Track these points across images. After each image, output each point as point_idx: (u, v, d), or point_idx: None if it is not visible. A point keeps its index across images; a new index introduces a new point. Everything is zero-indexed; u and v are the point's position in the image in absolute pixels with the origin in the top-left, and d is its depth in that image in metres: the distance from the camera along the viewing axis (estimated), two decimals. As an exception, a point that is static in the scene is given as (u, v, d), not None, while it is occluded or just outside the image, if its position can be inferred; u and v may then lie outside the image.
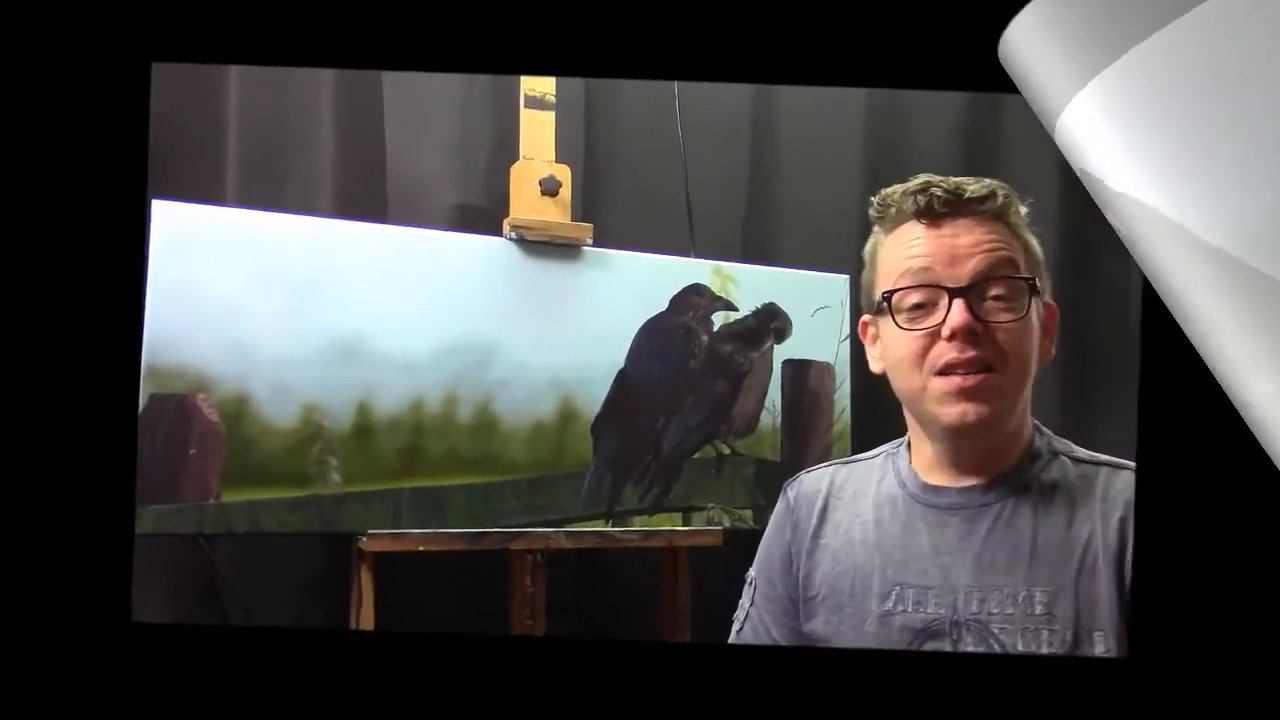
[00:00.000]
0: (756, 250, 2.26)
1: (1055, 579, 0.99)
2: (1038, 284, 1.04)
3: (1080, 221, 2.67)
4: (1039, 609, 0.99)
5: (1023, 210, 1.06)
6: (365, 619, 1.57)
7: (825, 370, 1.94)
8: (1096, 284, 2.62)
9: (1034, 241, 1.07)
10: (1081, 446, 1.11)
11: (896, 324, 1.03)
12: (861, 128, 2.36)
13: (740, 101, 2.25)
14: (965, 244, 1.02)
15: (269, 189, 1.84)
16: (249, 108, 1.84)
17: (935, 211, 1.03)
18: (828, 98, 2.31)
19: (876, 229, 1.10)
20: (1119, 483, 1.02)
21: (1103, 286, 2.59)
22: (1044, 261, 1.08)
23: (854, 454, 1.92)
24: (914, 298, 1.03)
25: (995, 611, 1.00)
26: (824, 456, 1.92)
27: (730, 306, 1.89)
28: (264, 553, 1.79)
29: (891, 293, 1.04)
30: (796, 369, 1.93)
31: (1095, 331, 2.59)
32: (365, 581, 1.58)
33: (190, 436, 1.51)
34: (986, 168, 2.46)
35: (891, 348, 1.06)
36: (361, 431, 1.61)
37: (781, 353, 1.92)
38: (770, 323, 1.91)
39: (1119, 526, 0.99)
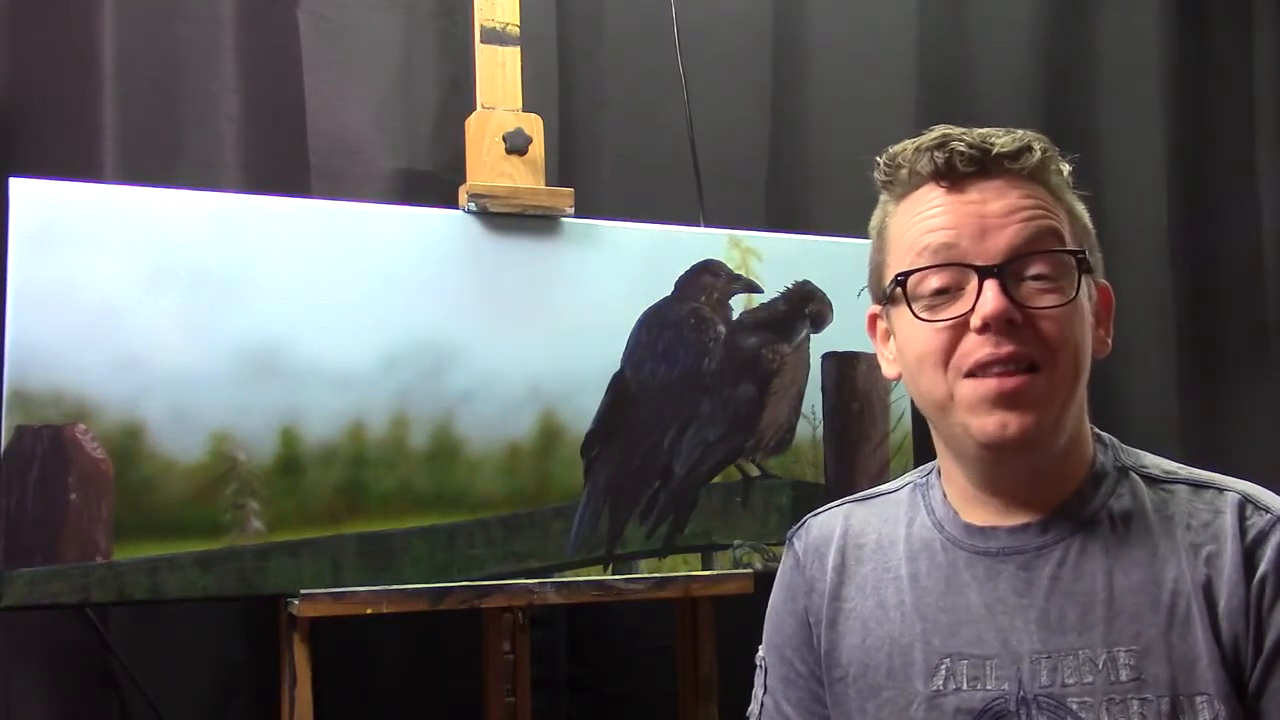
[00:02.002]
0: (784, 215, 2.26)
1: (1142, 634, 0.97)
2: (1089, 258, 1.02)
3: (1200, 160, 2.68)
4: (1125, 674, 0.97)
5: (1065, 169, 1.06)
6: (302, 706, 1.56)
7: (877, 364, 1.94)
8: (1222, 236, 2.64)
9: (1079, 207, 1.06)
10: (1167, 456, 1.09)
11: (913, 314, 1.02)
12: (914, 49, 2.36)
13: (758, 22, 2.25)
14: (997, 211, 1.00)
15: (158, 159, 1.83)
16: (129, 54, 1.83)
17: (957, 171, 1.01)
18: (871, 13, 2.32)
19: (885, 197, 1.09)
20: (1202, 506, 1.01)
21: (1230, 243, 2.61)
22: (1093, 231, 1.06)
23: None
24: (934, 281, 1.01)
25: (1071, 682, 0.98)
26: (879, 474, 1.91)
27: (753, 287, 1.88)
28: (169, 625, 1.78)
29: (906, 275, 1.02)
30: (840, 364, 1.92)
31: (1219, 305, 2.60)
32: (299, 657, 1.57)
33: (69, 479, 1.50)
34: (1076, 100, 2.48)
35: (908, 344, 1.04)
36: (287, 465, 1.60)
37: (820, 344, 1.91)
38: (804, 306, 1.91)
39: (1207, 564, 0.98)
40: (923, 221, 1.03)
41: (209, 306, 1.58)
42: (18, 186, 1.52)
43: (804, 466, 1.89)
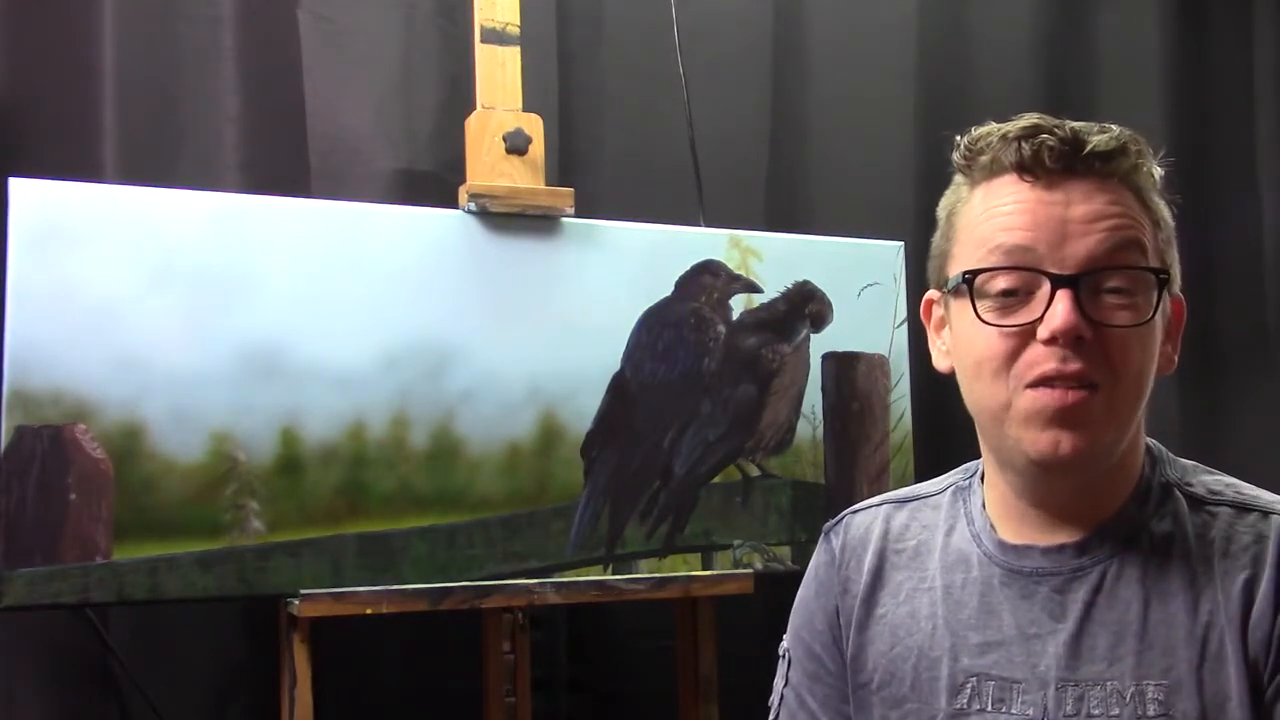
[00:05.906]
0: (783, 215, 2.25)
1: (1173, 669, 0.94)
2: (1171, 275, 0.98)
3: (1200, 160, 2.68)
4: (1153, 709, 0.93)
5: (1157, 173, 1.01)
6: (301, 706, 1.56)
7: (877, 364, 1.94)
8: (1222, 236, 2.63)
9: (1165, 213, 1.02)
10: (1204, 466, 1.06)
11: (977, 315, 0.97)
12: (914, 49, 2.36)
13: (758, 22, 2.25)
14: (1081, 216, 0.95)
15: (158, 159, 1.83)
16: (129, 54, 1.83)
17: (1044, 167, 0.96)
18: (871, 13, 2.32)
19: (960, 180, 1.04)
20: (1244, 529, 0.97)
21: (1230, 243, 2.61)
22: (1175, 240, 1.03)
23: (918, 470, 1.94)
24: (1004, 282, 0.96)
25: (1098, 713, 0.95)
26: (880, 475, 1.91)
27: (753, 287, 1.88)
28: (169, 625, 1.78)
29: (974, 274, 0.97)
30: (840, 364, 1.92)
31: (1219, 305, 2.60)
32: (299, 657, 1.57)
33: (69, 479, 1.50)
34: (1076, 100, 2.47)
35: (967, 345, 1.00)
36: (287, 465, 1.60)
37: (820, 344, 1.91)
38: (804, 306, 1.91)
39: (1243, 592, 0.94)
40: (999, 218, 0.98)
41: (209, 306, 1.58)
42: (18, 186, 1.52)
43: (804, 466, 1.89)
